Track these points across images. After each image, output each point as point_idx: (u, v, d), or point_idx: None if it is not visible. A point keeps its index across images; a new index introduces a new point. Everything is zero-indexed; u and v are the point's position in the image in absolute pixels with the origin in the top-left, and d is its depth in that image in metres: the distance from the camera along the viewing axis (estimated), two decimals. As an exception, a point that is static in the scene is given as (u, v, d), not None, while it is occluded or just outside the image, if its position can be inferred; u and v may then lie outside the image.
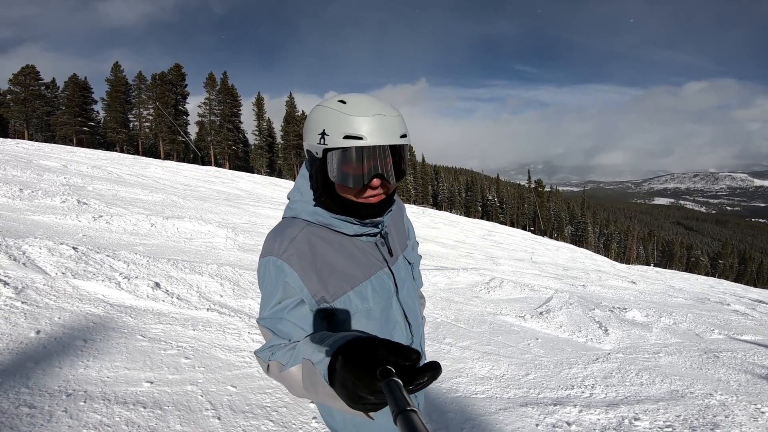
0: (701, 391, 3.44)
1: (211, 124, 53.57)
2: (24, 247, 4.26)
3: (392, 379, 0.53)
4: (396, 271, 1.03)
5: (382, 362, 0.57)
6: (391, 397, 0.51)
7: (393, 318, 1.01)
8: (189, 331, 3.30)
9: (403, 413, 0.48)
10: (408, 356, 0.58)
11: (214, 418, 2.21)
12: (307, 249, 0.92)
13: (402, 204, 1.21)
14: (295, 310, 0.91)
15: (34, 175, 10.18)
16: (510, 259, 12.80)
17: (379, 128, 0.85)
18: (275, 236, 0.96)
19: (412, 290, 1.11)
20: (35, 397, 2.09)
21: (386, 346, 0.60)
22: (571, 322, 5.56)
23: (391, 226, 1.09)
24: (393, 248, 1.05)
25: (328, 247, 0.95)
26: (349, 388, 0.60)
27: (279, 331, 0.91)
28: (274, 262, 0.92)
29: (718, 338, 5.59)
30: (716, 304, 9.34)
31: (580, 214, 76.11)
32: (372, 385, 0.56)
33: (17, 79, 44.89)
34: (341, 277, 0.94)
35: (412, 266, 1.15)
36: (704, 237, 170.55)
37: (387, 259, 1.02)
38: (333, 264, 0.93)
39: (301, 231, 0.94)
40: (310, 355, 0.74)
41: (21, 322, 2.84)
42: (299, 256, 0.92)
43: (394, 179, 0.89)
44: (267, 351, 0.91)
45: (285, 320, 0.91)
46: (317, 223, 0.96)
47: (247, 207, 12.38)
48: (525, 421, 2.74)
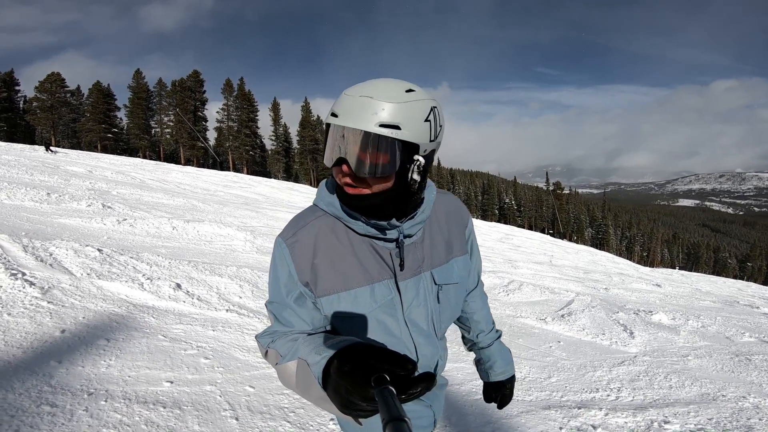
0: (734, 394, 3.29)
1: (229, 129, 54.60)
2: (51, 249, 4.39)
3: (386, 387, 0.54)
4: (405, 287, 0.92)
5: (376, 370, 0.57)
6: (382, 405, 0.51)
7: (394, 333, 0.93)
8: (209, 331, 3.33)
9: (393, 422, 0.47)
10: (403, 366, 0.57)
11: (232, 418, 2.21)
12: (311, 239, 0.90)
13: (463, 216, 1.09)
14: (298, 300, 0.90)
15: (61, 180, 10.54)
16: (529, 262, 12.58)
17: (355, 109, 0.78)
18: (293, 221, 0.95)
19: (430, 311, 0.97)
20: (57, 396, 2.12)
21: (382, 354, 0.59)
22: (594, 325, 5.40)
23: (428, 237, 0.97)
24: (414, 261, 0.93)
25: (337, 242, 0.90)
26: (342, 394, 0.60)
27: (282, 318, 0.91)
28: (279, 243, 0.92)
29: (749, 341, 5.35)
30: (745, 307, 8.96)
31: (601, 216, 74.45)
32: (365, 392, 0.56)
33: (43, 86, 46.42)
34: (338, 275, 0.89)
35: (440, 287, 0.98)
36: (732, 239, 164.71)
37: (396, 271, 0.91)
38: (333, 260, 0.89)
39: (315, 220, 0.92)
40: (307, 355, 0.74)
41: (46, 322, 2.91)
42: (301, 244, 0.90)
43: (361, 170, 0.79)
44: (267, 337, 0.92)
45: (289, 309, 0.91)
46: (332, 215, 0.92)
47: (265, 211, 12.54)
48: (548, 425, 2.65)
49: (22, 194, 7.58)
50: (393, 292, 0.91)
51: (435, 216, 1.01)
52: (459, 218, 1.07)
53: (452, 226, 1.05)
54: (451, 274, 1.01)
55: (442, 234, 1.02)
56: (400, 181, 0.84)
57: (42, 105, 46.27)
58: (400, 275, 0.92)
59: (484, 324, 1.23)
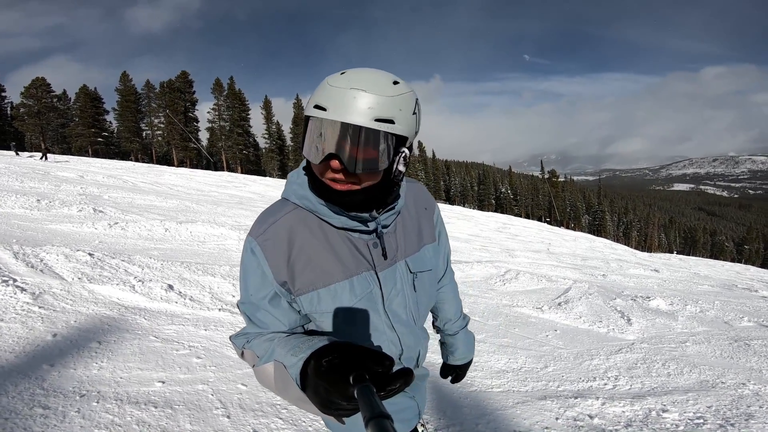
0: (733, 381, 3.28)
1: (221, 129, 54.28)
2: (41, 255, 4.34)
3: (365, 384, 0.54)
4: (384, 277, 0.90)
5: (354, 368, 0.57)
6: (363, 403, 0.51)
7: (377, 326, 0.91)
8: (201, 331, 3.30)
9: (374, 419, 0.47)
10: (381, 362, 0.57)
11: (223, 416, 2.19)
12: (284, 235, 0.86)
13: (430, 203, 1.08)
14: (273, 301, 0.88)
15: (52, 186, 10.44)
16: (526, 251, 12.60)
17: (347, 103, 0.74)
18: (261, 217, 0.91)
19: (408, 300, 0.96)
20: (49, 398, 2.10)
21: (359, 352, 0.59)
22: (592, 313, 5.41)
23: (400, 226, 0.96)
24: (390, 251, 0.92)
25: (311, 236, 0.87)
26: (322, 394, 0.59)
27: (257, 319, 0.89)
28: (249, 242, 0.88)
29: (748, 326, 5.36)
30: (744, 290, 9.01)
31: (597, 203, 74.76)
32: (345, 391, 0.56)
33: (29, 92, 45.87)
34: (315, 272, 0.86)
35: (415, 275, 0.97)
36: (728, 222, 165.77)
37: (376, 262, 0.90)
38: (310, 256, 0.86)
39: (286, 215, 0.88)
40: (283, 357, 0.72)
41: (38, 326, 2.87)
42: (274, 242, 0.86)
43: (357, 166, 0.76)
44: (242, 338, 0.90)
45: (263, 310, 0.88)
46: (305, 208, 0.88)
47: (259, 209, 12.47)
48: (544, 415, 2.64)
49: (12, 201, 7.50)
50: (372, 284, 0.89)
51: (405, 205, 0.99)
52: (426, 205, 1.06)
53: (420, 214, 1.04)
54: (424, 261, 1.00)
55: (412, 222, 1.00)
56: (386, 174, 0.83)
57: (29, 111, 45.80)
58: (380, 266, 0.90)
59: (452, 313, 1.25)
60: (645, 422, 2.55)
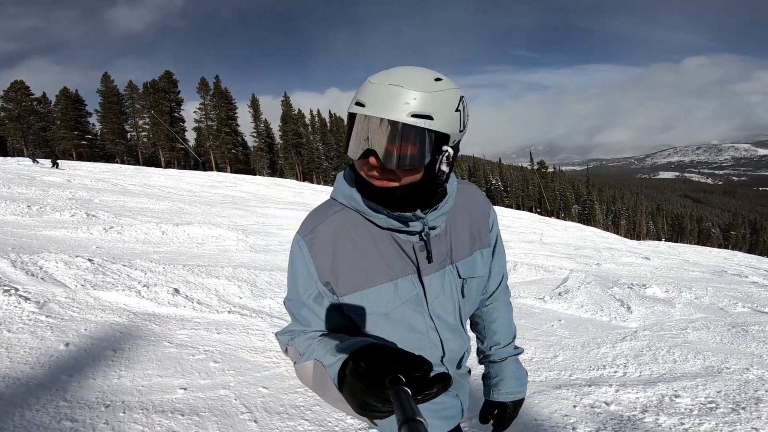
0: (737, 366, 3.37)
1: (209, 129, 53.51)
2: (40, 263, 4.26)
3: (401, 388, 0.54)
4: (429, 281, 0.89)
5: (391, 371, 0.56)
6: (398, 406, 0.51)
7: (419, 329, 0.91)
8: (214, 334, 3.28)
9: (407, 422, 0.47)
10: (419, 367, 0.57)
11: (251, 421, 2.18)
12: (330, 236, 0.87)
13: (485, 206, 1.05)
14: (317, 299, 0.89)
15: (40, 191, 10.20)
16: (520, 242, 12.73)
17: (385, 99, 0.73)
18: (310, 216, 0.92)
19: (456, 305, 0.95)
20: (75, 411, 2.07)
21: (397, 355, 0.59)
22: (592, 302, 5.51)
23: (451, 229, 0.94)
24: (437, 255, 0.90)
25: (356, 237, 0.87)
26: (358, 395, 0.59)
27: (300, 316, 0.90)
28: (297, 241, 0.89)
29: (743, 311, 5.51)
30: (734, 276, 9.24)
31: (586, 192, 75.68)
32: (380, 394, 0.56)
33: (8, 95, 44.70)
34: (359, 273, 0.86)
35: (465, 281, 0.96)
36: (713, 209, 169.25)
37: (421, 265, 0.88)
38: (354, 257, 0.86)
39: (333, 215, 0.89)
40: (323, 357, 0.73)
41: (48, 336, 2.83)
42: (320, 241, 0.87)
43: (392, 162, 0.75)
44: (287, 335, 0.91)
45: (306, 308, 0.89)
46: (351, 208, 0.88)
47: (253, 208, 12.38)
48: (561, 403, 2.69)
49: (3, 208, 7.32)
50: (417, 287, 0.89)
51: (457, 207, 0.97)
52: (481, 208, 1.04)
53: (474, 217, 1.01)
54: (475, 267, 0.98)
55: (465, 225, 0.98)
56: (428, 172, 0.81)
57: (9, 115, 44.61)
58: (425, 269, 0.89)
59: (501, 336, 1.12)
60: (660, 407, 2.61)
